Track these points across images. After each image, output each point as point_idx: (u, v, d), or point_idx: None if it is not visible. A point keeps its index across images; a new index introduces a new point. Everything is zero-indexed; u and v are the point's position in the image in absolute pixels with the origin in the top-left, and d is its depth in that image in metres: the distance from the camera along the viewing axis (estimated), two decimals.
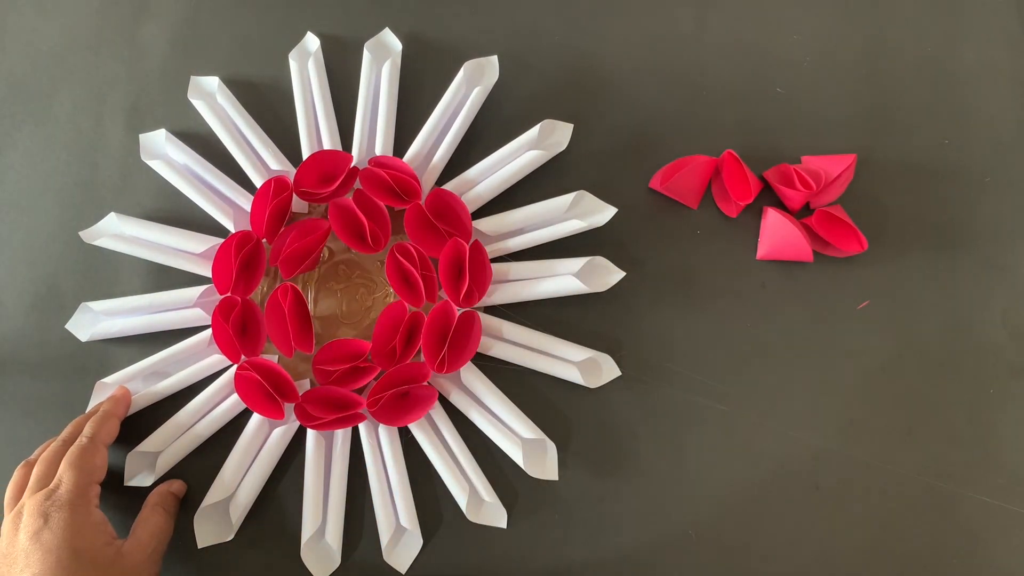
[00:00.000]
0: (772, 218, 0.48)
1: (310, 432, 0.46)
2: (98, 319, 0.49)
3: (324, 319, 0.49)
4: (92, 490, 0.42)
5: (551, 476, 0.45)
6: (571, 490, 0.46)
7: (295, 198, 0.49)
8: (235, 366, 0.47)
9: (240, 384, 0.45)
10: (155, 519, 0.44)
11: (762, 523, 0.45)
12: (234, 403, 0.46)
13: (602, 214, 0.47)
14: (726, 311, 0.48)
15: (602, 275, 0.47)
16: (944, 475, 0.46)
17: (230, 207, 0.50)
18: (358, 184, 0.49)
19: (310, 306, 0.49)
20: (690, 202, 0.50)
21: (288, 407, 0.46)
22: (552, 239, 0.47)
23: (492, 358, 0.47)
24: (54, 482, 0.41)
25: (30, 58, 0.55)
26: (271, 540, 0.46)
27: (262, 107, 0.52)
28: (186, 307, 0.48)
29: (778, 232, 0.47)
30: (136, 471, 0.46)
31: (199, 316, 0.48)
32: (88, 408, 0.47)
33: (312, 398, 0.45)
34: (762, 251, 0.48)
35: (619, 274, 0.47)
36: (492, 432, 0.45)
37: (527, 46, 0.53)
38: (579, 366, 0.46)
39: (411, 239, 0.47)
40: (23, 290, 0.51)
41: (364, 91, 0.51)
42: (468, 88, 0.50)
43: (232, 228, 0.49)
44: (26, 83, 0.55)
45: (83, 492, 0.41)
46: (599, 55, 0.53)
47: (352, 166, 0.48)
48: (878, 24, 0.53)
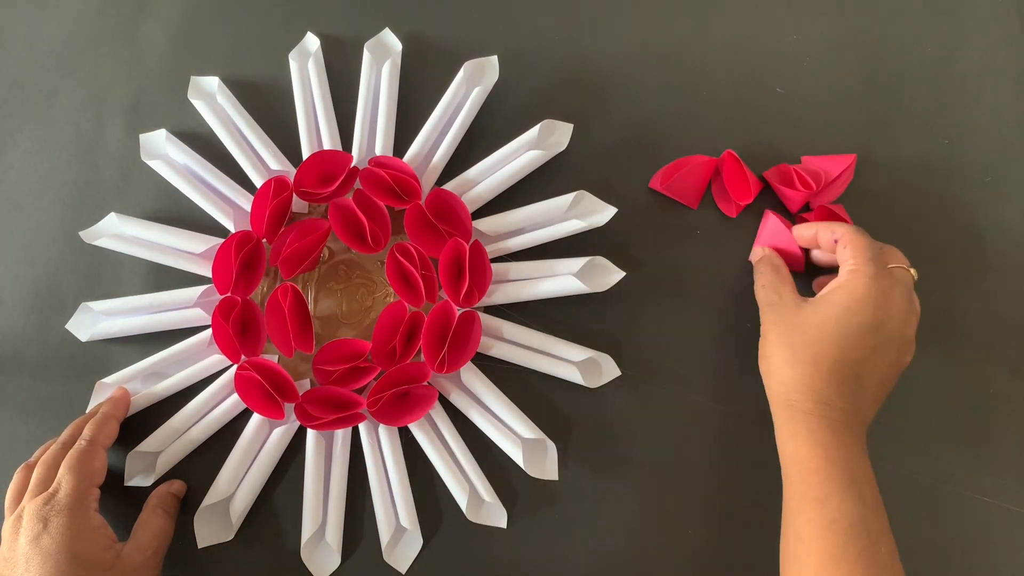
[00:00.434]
0: (772, 224, 0.48)
1: (310, 432, 0.46)
2: (98, 319, 0.49)
3: (324, 319, 0.49)
4: (91, 494, 0.42)
5: (551, 476, 0.45)
6: (571, 490, 0.46)
7: (295, 198, 0.49)
8: (235, 366, 0.47)
9: (240, 384, 0.45)
10: (155, 521, 0.44)
11: (762, 523, 0.45)
12: (234, 403, 0.47)
13: (602, 214, 0.47)
14: (726, 311, 0.48)
15: (602, 275, 0.47)
16: (944, 475, 0.46)
17: (230, 207, 0.50)
18: (358, 184, 0.49)
19: (310, 306, 0.49)
20: (690, 202, 0.50)
21: (288, 407, 0.46)
22: (552, 239, 0.47)
23: (492, 358, 0.47)
24: (53, 486, 0.41)
25: (30, 58, 0.55)
26: (271, 540, 0.46)
27: (262, 107, 0.52)
28: (186, 307, 0.48)
29: (774, 237, 0.47)
30: (136, 471, 0.46)
31: (199, 316, 0.48)
32: (88, 409, 0.47)
33: (312, 398, 0.45)
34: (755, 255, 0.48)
35: (619, 274, 0.47)
36: (492, 432, 0.45)
37: (527, 46, 0.53)
38: (579, 366, 0.46)
39: (411, 239, 0.47)
40: (23, 290, 0.51)
41: (364, 91, 0.51)
42: (468, 88, 0.50)
43: (232, 228, 0.49)
44: (26, 83, 0.55)
45: (82, 497, 0.41)
46: (599, 55, 0.53)
47: (352, 166, 0.48)
48: (878, 24, 0.53)
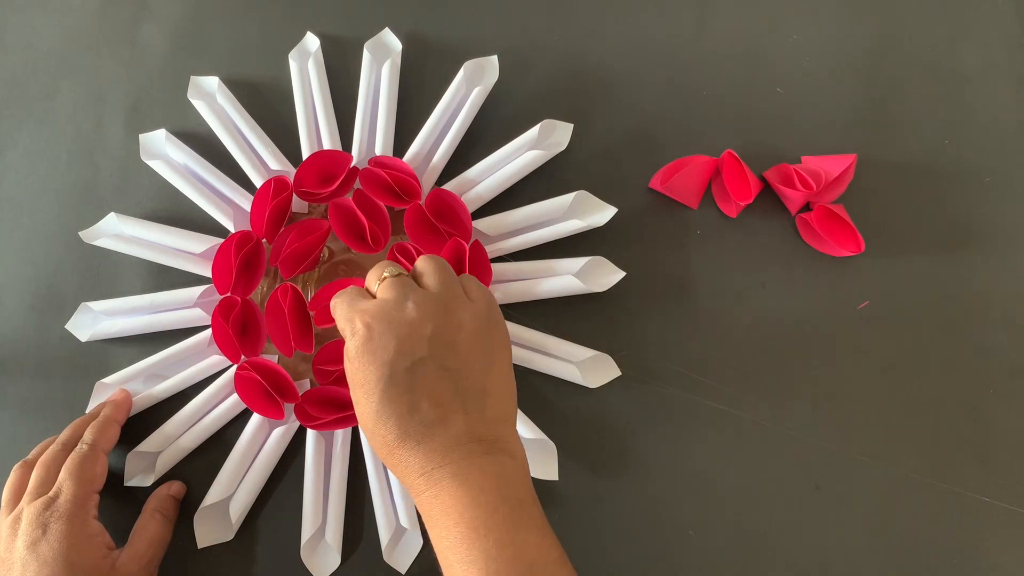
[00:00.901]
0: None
1: (310, 432, 0.46)
2: (98, 319, 0.49)
3: None
4: (91, 500, 0.41)
5: (551, 476, 0.45)
6: (571, 490, 0.46)
7: (295, 198, 0.49)
8: (235, 366, 0.47)
9: (240, 384, 0.45)
10: (152, 526, 0.43)
11: (762, 523, 0.45)
12: (234, 403, 0.46)
13: (602, 214, 0.47)
14: (726, 311, 0.48)
15: (602, 275, 0.47)
16: (944, 475, 0.46)
17: (230, 207, 0.50)
18: (358, 184, 0.49)
19: None
20: (690, 202, 0.50)
21: (288, 407, 0.46)
22: (552, 239, 0.47)
23: None
24: (53, 490, 0.41)
25: (30, 58, 0.55)
26: (271, 540, 0.46)
27: (262, 107, 0.52)
28: (186, 307, 0.48)
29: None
30: (136, 471, 0.46)
31: (199, 316, 0.48)
32: (88, 409, 0.47)
33: (312, 398, 0.45)
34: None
35: (619, 274, 0.47)
36: None
37: (527, 46, 0.53)
38: (579, 366, 0.46)
39: (411, 239, 0.47)
40: (23, 290, 0.51)
41: (364, 91, 0.51)
42: (468, 88, 0.50)
43: (232, 228, 0.49)
44: (26, 83, 0.55)
45: (82, 503, 0.41)
46: (599, 55, 0.53)
47: (352, 166, 0.48)
48: (878, 24, 0.53)
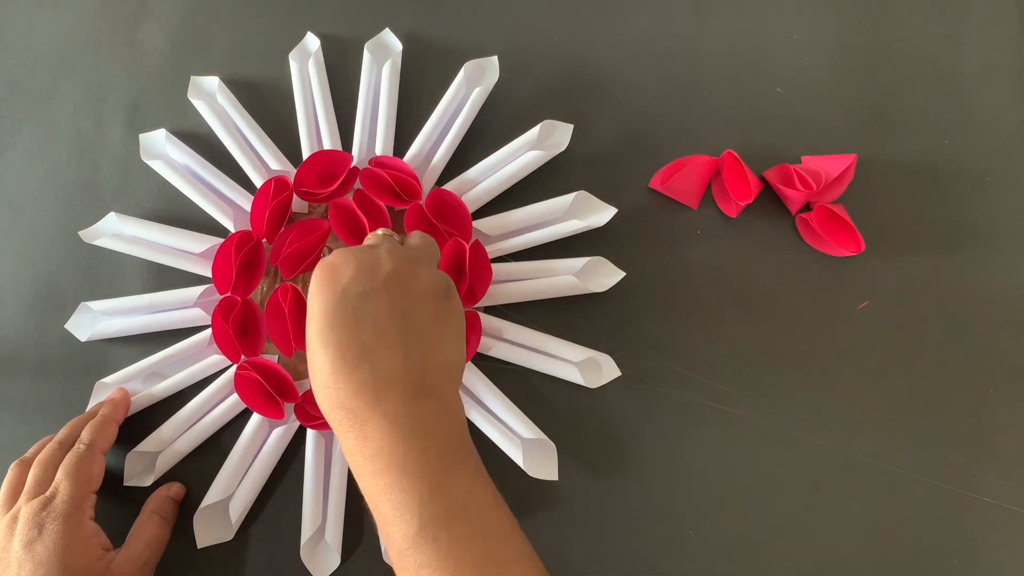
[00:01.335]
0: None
1: (310, 432, 0.46)
2: (98, 319, 0.49)
3: None
4: (88, 501, 0.41)
5: (551, 476, 0.45)
6: (571, 490, 0.46)
7: (295, 198, 0.49)
8: (235, 366, 0.47)
9: (240, 384, 0.45)
10: (149, 528, 0.43)
11: (762, 523, 0.45)
12: (234, 403, 0.46)
13: (602, 214, 0.47)
14: (726, 311, 0.48)
15: (602, 275, 0.47)
16: (944, 475, 0.46)
17: (230, 207, 0.50)
18: (358, 184, 0.49)
19: None
20: (690, 202, 0.50)
21: (288, 407, 0.46)
22: (552, 239, 0.47)
23: (492, 358, 0.47)
24: (51, 490, 0.41)
25: (30, 58, 0.55)
26: (271, 540, 0.46)
27: (262, 107, 0.52)
28: (186, 307, 0.48)
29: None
30: (135, 471, 0.46)
31: (199, 316, 0.48)
32: (87, 408, 0.47)
33: (312, 398, 0.45)
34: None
35: (619, 275, 0.47)
36: (492, 432, 0.45)
37: (527, 46, 0.53)
38: (579, 366, 0.46)
39: None
40: (23, 290, 0.51)
41: (364, 91, 0.51)
42: (468, 88, 0.50)
43: (232, 228, 0.49)
44: (26, 83, 0.55)
45: (79, 504, 0.41)
46: (599, 56, 0.53)
47: (352, 166, 0.48)
48: (878, 24, 0.53)
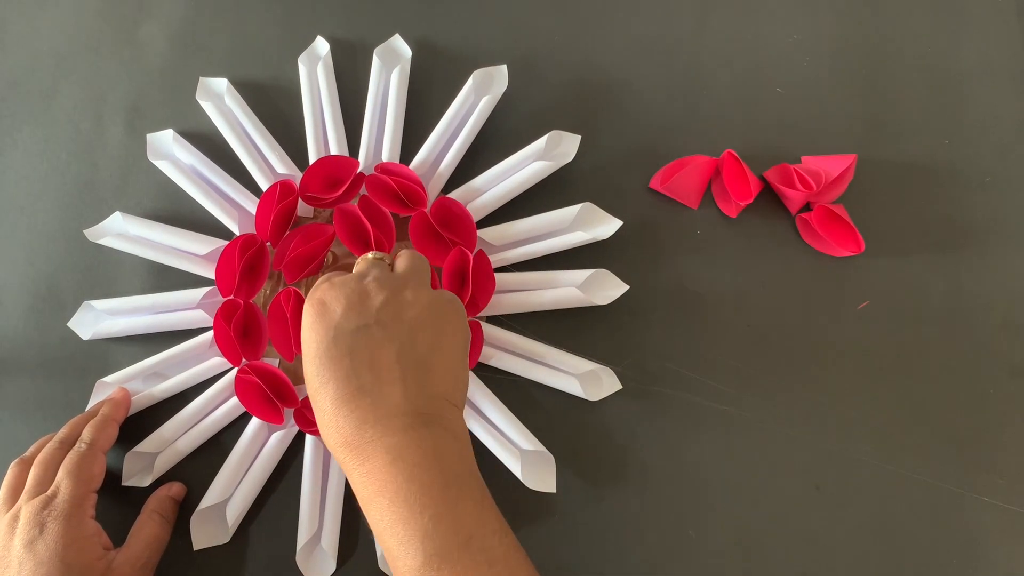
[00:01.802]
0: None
1: (309, 438, 0.46)
2: (100, 318, 0.49)
3: None
4: (89, 500, 0.41)
5: (549, 488, 0.44)
6: (570, 503, 0.46)
7: (300, 202, 0.49)
8: (236, 369, 0.47)
9: (240, 387, 0.45)
10: (150, 528, 0.43)
11: (762, 524, 0.45)
12: (234, 406, 0.46)
13: (607, 226, 0.47)
14: (726, 311, 0.48)
15: (606, 288, 0.47)
16: (944, 475, 0.46)
17: (235, 209, 0.50)
18: (364, 190, 0.49)
19: None
20: (690, 202, 0.50)
21: (288, 412, 0.46)
22: (556, 251, 0.47)
23: (493, 368, 0.47)
24: (51, 489, 0.41)
25: (30, 58, 0.55)
26: (267, 544, 0.46)
27: (266, 109, 0.52)
28: (188, 308, 0.48)
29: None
30: (134, 471, 0.46)
31: (201, 318, 0.48)
32: (88, 407, 0.47)
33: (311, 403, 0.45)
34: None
35: (622, 288, 0.46)
36: (491, 443, 0.45)
37: (536, 56, 0.53)
38: (580, 378, 0.46)
39: (415, 247, 0.47)
40: (23, 290, 0.51)
41: (372, 97, 0.51)
42: (476, 97, 0.50)
43: (237, 231, 0.49)
44: (26, 83, 0.55)
45: (80, 503, 0.41)
46: (605, 62, 0.53)
47: (358, 172, 0.48)
48: (878, 24, 0.53)
